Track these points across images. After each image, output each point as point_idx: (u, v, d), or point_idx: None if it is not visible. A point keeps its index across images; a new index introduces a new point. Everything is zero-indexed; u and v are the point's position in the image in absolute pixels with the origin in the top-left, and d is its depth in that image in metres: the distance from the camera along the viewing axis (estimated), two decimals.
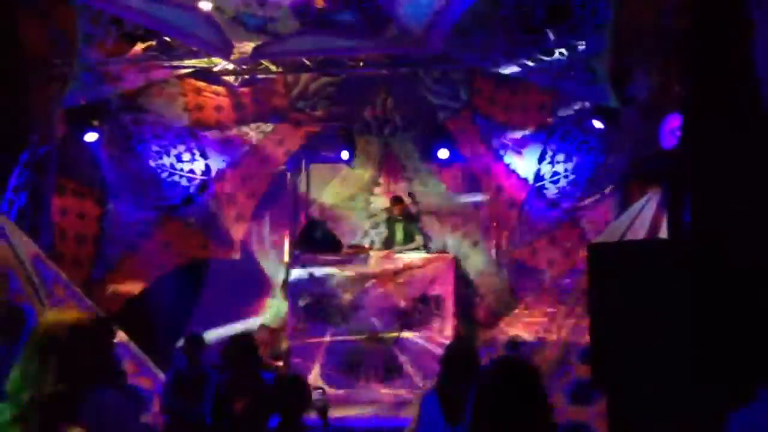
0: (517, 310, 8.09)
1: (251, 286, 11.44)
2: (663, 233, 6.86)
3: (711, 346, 4.22)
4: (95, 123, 9.48)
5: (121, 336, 6.75)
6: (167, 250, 10.70)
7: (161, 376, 8.00)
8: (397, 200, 11.00)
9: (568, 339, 7.30)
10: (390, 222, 11.00)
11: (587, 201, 10.01)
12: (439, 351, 9.71)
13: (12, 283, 7.14)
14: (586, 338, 5.69)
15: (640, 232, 7.17)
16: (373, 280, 10.07)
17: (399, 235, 10.76)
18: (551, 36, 8.29)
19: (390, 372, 9.90)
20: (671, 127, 7.28)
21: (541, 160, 10.49)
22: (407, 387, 9.75)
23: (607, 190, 9.75)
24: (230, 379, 5.52)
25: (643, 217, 7.37)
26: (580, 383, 6.82)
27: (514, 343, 6.17)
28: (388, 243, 10.84)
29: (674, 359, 4.29)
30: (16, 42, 8.49)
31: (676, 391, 4.24)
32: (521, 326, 7.75)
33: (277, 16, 8.52)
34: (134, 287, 10.27)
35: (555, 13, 8.35)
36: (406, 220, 10.87)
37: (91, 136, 9.51)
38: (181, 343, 7.44)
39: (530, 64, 8.44)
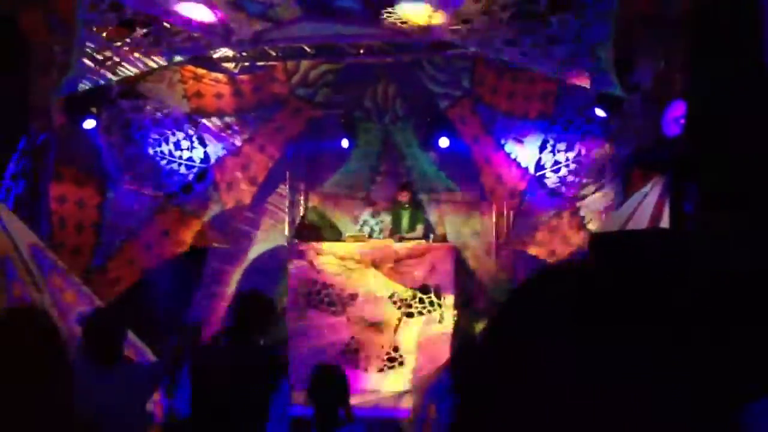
0: None
1: (250, 275, 11.39)
2: (665, 223, 6.80)
3: (712, 339, 4.17)
4: (94, 110, 9.40)
5: None
6: (166, 238, 10.65)
7: None
8: (404, 186, 10.94)
9: None
10: (396, 209, 10.93)
11: (588, 190, 9.93)
12: (440, 341, 9.76)
13: (9, 272, 7.06)
14: None
15: (642, 222, 7.11)
16: (373, 269, 10.02)
17: (405, 222, 10.70)
18: (555, 23, 8.19)
19: (391, 362, 9.87)
20: (675, 115, 7.21)
21: (542, 149, 10.38)
22: (408, 377, 9.71)
23: (608, 179, 9.67)
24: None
25: (645, 206, 7.30)
26: None
27: (471, 337, 6.08)
28: (393, 230, 10.76)
29: (675, 349, 4.24)
30: (16, 29, 8.42)
31: (674, 386, 4.20)
32: None
33: (278, 1, 8.42)
34: (133, 275, 10.23)
35: (559, 0, 8.24)
36: (412, 208, 10.81)
37: (89, 123, 9.43)
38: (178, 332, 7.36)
39: (534, 51, 8.35)
